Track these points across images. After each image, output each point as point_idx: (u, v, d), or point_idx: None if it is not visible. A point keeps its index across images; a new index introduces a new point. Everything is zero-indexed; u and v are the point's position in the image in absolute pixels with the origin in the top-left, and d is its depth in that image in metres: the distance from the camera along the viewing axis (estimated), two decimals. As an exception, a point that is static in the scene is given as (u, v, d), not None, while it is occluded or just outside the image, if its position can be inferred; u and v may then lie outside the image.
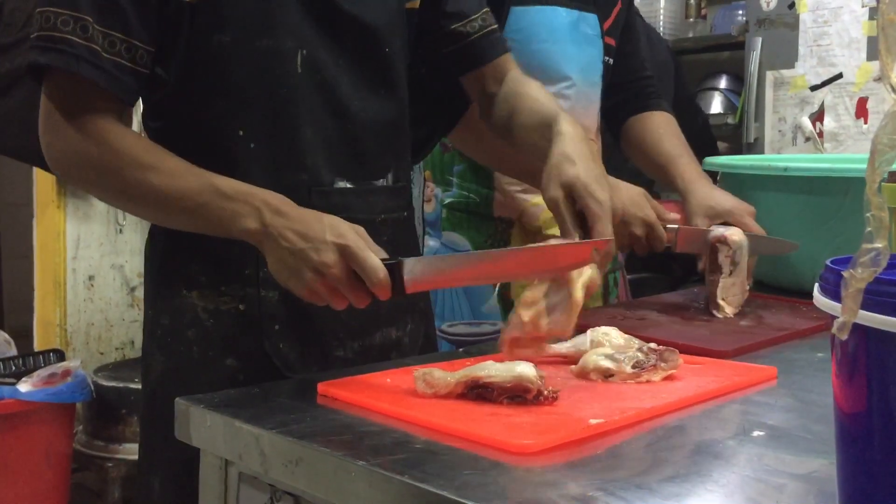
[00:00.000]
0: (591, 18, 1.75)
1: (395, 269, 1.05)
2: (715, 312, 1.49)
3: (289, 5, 1.19)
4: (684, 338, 1.30)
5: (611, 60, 1.82)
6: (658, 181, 1.79)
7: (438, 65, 1.43)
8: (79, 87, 1.11)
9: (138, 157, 1.12)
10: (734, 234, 1.50)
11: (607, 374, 1.08)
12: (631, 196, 1.50)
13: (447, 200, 1.77)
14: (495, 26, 1.42)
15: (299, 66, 1.20)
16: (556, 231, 1.77)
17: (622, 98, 1.88)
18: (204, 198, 1.10)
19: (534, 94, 1.35)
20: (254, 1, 1.17)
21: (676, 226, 1.55)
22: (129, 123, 2.78)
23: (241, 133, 1.17)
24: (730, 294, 1.49)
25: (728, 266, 1.49)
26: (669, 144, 1.76)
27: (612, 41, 1.82)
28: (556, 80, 1.69)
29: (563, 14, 1.70)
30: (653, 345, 1.12)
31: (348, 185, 1.25)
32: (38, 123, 1.14)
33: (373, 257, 1.04)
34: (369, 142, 1.27)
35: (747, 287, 1.52)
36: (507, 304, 1.67)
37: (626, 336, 1.17)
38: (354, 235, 1.06)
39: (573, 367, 1.12)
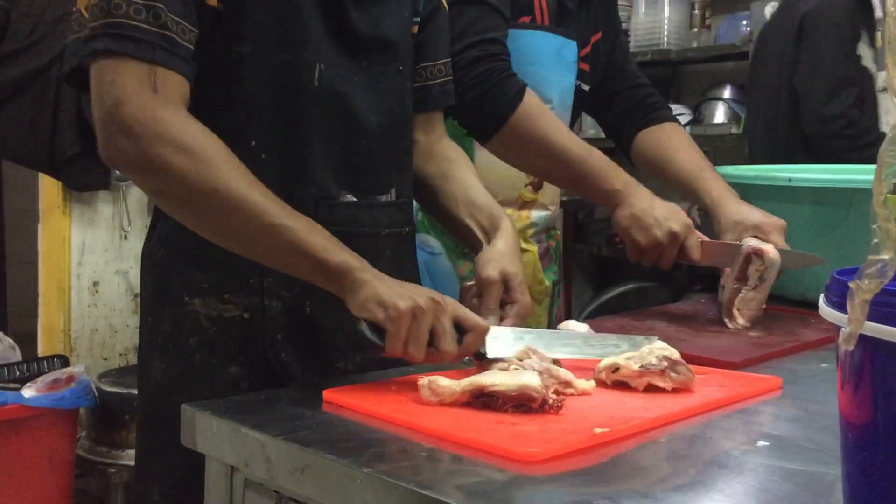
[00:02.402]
0: (572, 45, 1.79)
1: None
2: (727, 321, 1.49)
3: (309, 20, 1.19)
4: (693, 348, 1.30)
5: (584, 86, 1.86)
6: (680, 195, 1.79)
7: None
8: (156, 76, 1.07)
9: (253, 183, 1.08)
10: (771, 250, 1.49)
11: (613, 369, 1.09)
12: (669, 209, 1.53)
13: None
14: (451, 77, 1.45)
15: (316, 80, 1.20)
16: (530, 246, 1.79)
17: (625, 109, 1.89)
18: (313, 236, 1.09)
19: (469, 175, 1.42)
20: (275, 14, 1.17)
21: (701, 239, 1.56)
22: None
23: (252, 143, 1.17)
24: (746, 307, 1.49)
25: (755, 279, 1.48)
26: (689, 158, 1.76)
27: (586, 67, 1.85)
28: None
29: (550, 39, 1.74)
30: (676, 356, 1.11)
31: (354, 199, 1.26)
32: (42, 128, 1.12)
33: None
34: (378, 157, 1.28)
35: (764, 305, 1.52)
36: None
37: (671, 349, 1.12)
38: None
39: None
